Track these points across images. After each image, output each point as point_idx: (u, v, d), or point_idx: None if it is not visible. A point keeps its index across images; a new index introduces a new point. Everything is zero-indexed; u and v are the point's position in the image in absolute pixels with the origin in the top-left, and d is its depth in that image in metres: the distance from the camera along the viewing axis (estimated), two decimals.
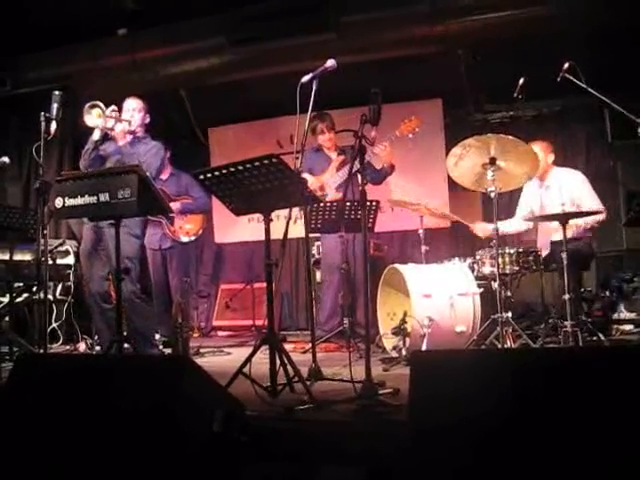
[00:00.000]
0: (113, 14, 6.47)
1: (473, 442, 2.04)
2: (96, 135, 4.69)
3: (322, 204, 5.22)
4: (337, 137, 5.86)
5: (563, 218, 4.53)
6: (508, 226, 5.50)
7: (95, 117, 4.60)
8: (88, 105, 4.57)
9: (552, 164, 5.43)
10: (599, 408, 1.96)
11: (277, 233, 3.66)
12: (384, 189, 6.15)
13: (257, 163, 3.22)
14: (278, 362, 3.39)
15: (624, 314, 6.00)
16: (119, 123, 4.71)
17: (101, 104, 4.58)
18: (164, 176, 6.19)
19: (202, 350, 5.66)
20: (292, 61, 6.34)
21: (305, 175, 5.65)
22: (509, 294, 5.04)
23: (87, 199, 3.65)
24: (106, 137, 4.78)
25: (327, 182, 5.80)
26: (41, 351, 4.72)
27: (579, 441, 1.94)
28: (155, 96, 6.87)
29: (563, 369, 2.09)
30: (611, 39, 5.91)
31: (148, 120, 5.07)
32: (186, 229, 6.13)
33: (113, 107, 4.69)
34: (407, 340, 4.49)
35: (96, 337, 5.85)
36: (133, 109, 4.97)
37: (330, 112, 5.97)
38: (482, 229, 5.48)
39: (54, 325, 6.39)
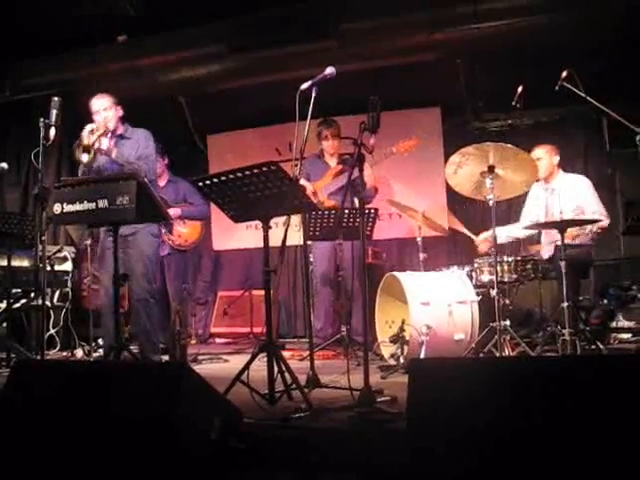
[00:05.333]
0: (113, 21, 6.48)
1: (471, 450, 2.04)
2: (85, 158, 4.53)
3: (320, 212, 5.23)
4: (342, 145, 5.86)
5: (561, 225, 4.53)
6: (515, 231, 5.49)
7: (86, 154, 4.47)
8: (75, 149, 4.47)
9: (558, 166, 5.42)
10: (597, 417, 1.96)
11: (275, 240, 3.65)
12: (387, 192, 6.16)
13: (256, 170, 3.22)
14: (276, 369, 3.39)
15: (622, 322, 5.99)
16: (103, 138, 4.58)
17: (83, 137, 4.46)
18: (161, 183, 6.19)
19: (200, 357, 5.64)
20: (291, 69, 6.35)
21: (302, 181, 5.68)
22: (507, 302, 5.03)
23: (86, 205, 3.64)
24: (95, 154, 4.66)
25: (321, 189, 5.82)
26: (38, 357, 4.71)
27: (577, 450, 1.93)
28: (154, 103, 6.90)
29: (561, 377, 2.09)
30: (609, 48, 5.93)
31: (121, 113, 4.89)
32: (185, 236, 6.12)
33: (89, 128, 4.53)
34: (405, 348, 4.49)
35: (94, 344, 5.85)
36: (104, 109, 4.77)
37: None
38: (485, 243, 5.39)
39: (52, 331, 6.39)
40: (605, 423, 1.94)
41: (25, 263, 6.26)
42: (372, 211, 5.30)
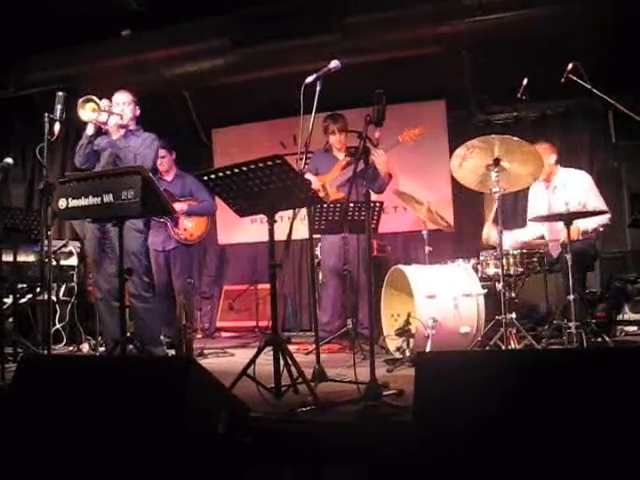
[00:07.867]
0: (116, 15, 6.46)
1: (478, 443, 2.04)
2: (90, 130, 4.69)
3: (325, 205, 5.22)
4: (348, 138, 5.84)
5: (567, 218, 4.51)
6: (522, 235, 5.46)
7: (89, 111, 4.59)
8: (82, 100, 4.56)
9: (556, 164, 5.38)
10: (604, 409, 1.95)
11: (281, 234, 3.65)
12: (394, 182, 6.14)
13: (261, 164, 3.22)
14: (282, 363, 3.39)
15: (628, 315, 5.97)
16: (113, 116, 4.69)
17: (95, 98, 4.57)
18: (169, 177, 6.21)
19: (206, 351, 5.65)
20: (295, 62, 6.34)
21: (307, 175, 5.66)
22: (513, 295, 5.02)
23: (91, 200, 3.64)
24: (99, 132, 4.78)
25: (329, 182, 5.81)
26: (45, 352, 4.73)
27: (584, 442, 1.93)
28: (158, 97, 6.88)
29: (567, 370, 2.08)
30: (615, 40, 5.90)
31: (138, 112, 5.02)
32: (190, 231, 6.12)
33: (106, 101, 4.69)
34: (411, 341, 4.49)
35: (99, 338, 5.86)
36: (123, 102, 4.91)
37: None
38: (489, 234, 5.34)
39: (58, 326, 6.40)
40: (611, 416, 1.94)
41: (31, 258, 6.26)
42: (377, 204, 5.29)
